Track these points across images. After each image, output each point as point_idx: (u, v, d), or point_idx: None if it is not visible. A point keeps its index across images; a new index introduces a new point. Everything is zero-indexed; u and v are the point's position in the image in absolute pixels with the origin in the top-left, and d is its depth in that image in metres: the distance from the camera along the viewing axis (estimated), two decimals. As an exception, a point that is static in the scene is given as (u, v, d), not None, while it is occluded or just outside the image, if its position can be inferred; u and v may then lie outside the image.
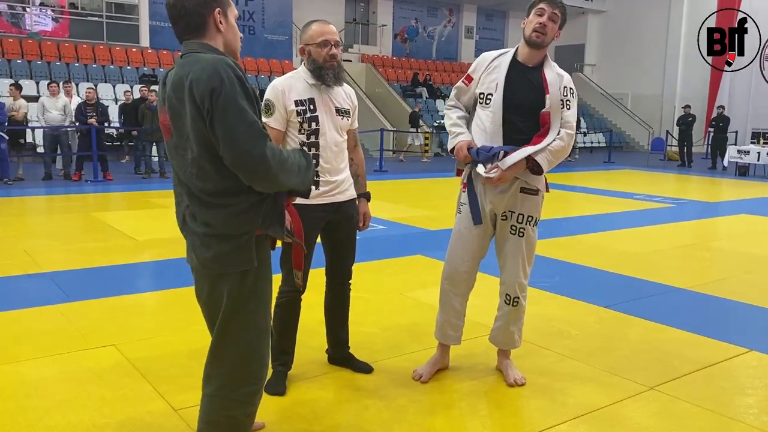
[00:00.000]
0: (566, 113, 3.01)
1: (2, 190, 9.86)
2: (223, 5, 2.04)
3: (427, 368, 3.27)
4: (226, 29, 2.04)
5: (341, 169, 3.06)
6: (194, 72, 1.88)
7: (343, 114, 3.06)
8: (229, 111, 1.85)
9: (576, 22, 27.36)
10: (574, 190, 11.91)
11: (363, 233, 3.23)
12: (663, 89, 24.98)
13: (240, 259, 2.00)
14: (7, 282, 4.84)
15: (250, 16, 20.04)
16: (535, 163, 2.97)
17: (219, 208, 1.98)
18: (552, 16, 2.96)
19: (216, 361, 2.08)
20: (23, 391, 3.00)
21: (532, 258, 3.21)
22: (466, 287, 3.24)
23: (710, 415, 2.91)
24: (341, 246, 3.18)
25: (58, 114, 11.21)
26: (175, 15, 2.00)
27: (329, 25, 2.98)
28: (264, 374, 2.14)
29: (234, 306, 2.04)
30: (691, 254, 6.42)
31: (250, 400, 2.11)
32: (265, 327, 2.11)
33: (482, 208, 3.12)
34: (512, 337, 3.27)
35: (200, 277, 2.10)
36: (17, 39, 16.49)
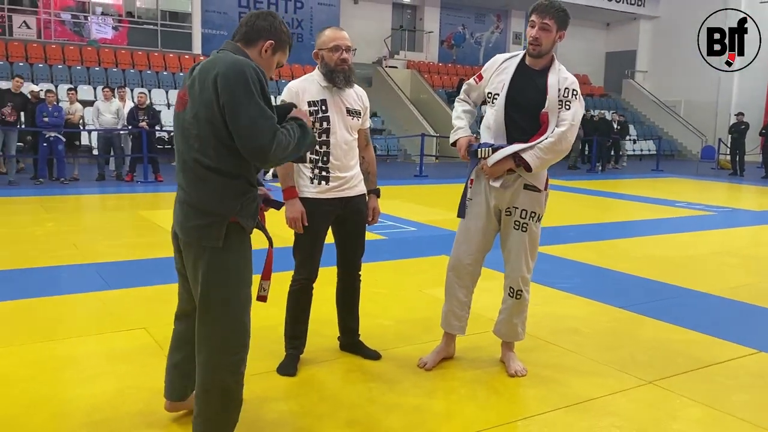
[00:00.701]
0: (564, 113, 3.12)
1: (58, 189, 10.44)
2: (277, 45, 2.39)
3: (431, 356, 3.44)
4: (264, 59, 2.37)
5: (351, 166, 3.26)
6: (222, 66, 2.18)
7: (354, 114, 3.26)
8: (244, 107, 2.13)
9: (627, 27, 26.99)
10: (614, 196, 11.83)
11: (392, 234, 3.44)
12: (718, 96, 24.35)
13: (210, 235, 2.23)
14: (55, 271, 5.21)
15: (299, 23, 20.52)
16: (522, 161, 3.10)
17: (207, 185, 2.23)
18: (543, 26, 3.09)
19: (203, 331, 2.31)
20: (59, 364, 3.30)
21: (536, 252, 3.33)
22: (470, 279, 3.39)
23: (702, 408, 2.98)
24: (350, 239, 3.37)
25: (111, 117, 11.78)
26: (243, 21, 2.40)
27: (341, 32, 3.20)
28: (247, 342, 2.36)
29: (211, 280, 2.26)
30: (721, 260, 6.37)
31: (237, 368, 2.33)
32: (245, 300, 2.34)
33: (486, 204, 3.27)
34: (515, 330, 3.39)
35: (185, 250, 2.34)
36: (77, 47, 17.33)
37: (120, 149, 12.05)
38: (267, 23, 2.36)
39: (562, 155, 3.18)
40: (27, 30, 17.16)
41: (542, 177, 3.25)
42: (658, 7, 25.95)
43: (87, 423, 2.68)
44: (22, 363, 3.29)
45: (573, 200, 11.25)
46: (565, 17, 3.13)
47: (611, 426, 2.79)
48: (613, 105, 25.02)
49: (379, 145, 18.19)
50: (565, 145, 3.12)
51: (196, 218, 2.25)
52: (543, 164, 3.12)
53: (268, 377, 3.19)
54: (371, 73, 21.60)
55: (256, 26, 2.35)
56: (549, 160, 3.12)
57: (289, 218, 3.14)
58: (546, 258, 6.07)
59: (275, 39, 2.36)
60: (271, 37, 2.36)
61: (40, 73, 15.90)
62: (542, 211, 3.30)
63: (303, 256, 3.26)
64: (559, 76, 3.17)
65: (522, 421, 2.84)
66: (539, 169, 3.14)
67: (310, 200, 3.17)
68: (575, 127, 3.13)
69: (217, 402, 2.32)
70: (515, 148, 3.11)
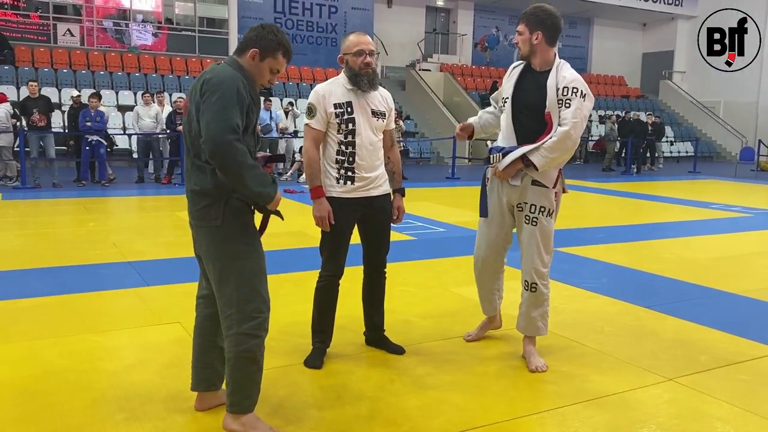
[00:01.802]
0: (564, 111, 3.22)
1: (100, 191, 10.79)
2: (265, 52, 2.61)
3: (476, 330, 3.83)
4: (252, 66, 2.62)
5: (376, 166, 3.37)
6: (210, 73, 2.52)
7: (379, 116, 3.37)
8: (210, 105, 2.41)
9: (664, 28, 26.61)
10: (648, 198, 11.72)
11: (421, 235, 3.55)
12: (759, 97, 23.83)
13: (209, 215, 2.53)
14: (95, 268, 5.44)
15: (333, 28, 20.76)
16: (529, 162, 3.24)
17: (205, 171, 2.52)
18: (517, 33, 3.36)
19: (224, 305, 2.56)
20: (97, 355, 3.48)
21: (549, 246, 3.44)
22: (493, 269, 3.63)
23: (723, 405, 3.00)
24: (375, 237, 3.48)
25: (150, 122, 12.13)
26: (244, 34, 2.70)
27: (365, 36, 3.32)
28: (263, 308, 2.59)
29: (220, 255, 2.54)
30: (752, 261, 6.30)
31: (257, 332, 2.56)
32: (256, 270, 2.58)
33: (499, 201, 3.43)
34: (535, 324, 3.48)
35: (196, 233, 2.63)
36: (119, 53, 17.84)
37: (159, 152, 12.38)
38: (254, 33, 2.62)
39: (569, 153, 3.28)
40: (71, 38, 17.72)
41: (551, 175, 3.36)
42: (696, 7, 25.50)
43: (123, 409, 2.84)
44: (65, 353, 3.48)
45: (605, 202, 11.18)
46: (535, 18, 3.31)
47: (629, 421, 2.84)
48: (650, 106, 24.68)
49: (412, 147, 18.28)
50: (569, 143, 3.22)
51: (200, 201, 2.55)
52: (550, 163, 3.25)
53: (295, 369, 3.31)
54: (404, 77, 21.73)
55: (246, 38, 2.64)
56: (555, 159, 3.24)
57: (316, 217, 3.26)
58: (574, 258, 6.10)
59: (259, 47, 2.59)
60: (255, 46, 2.60)
61: (83, 80, 16.42)
62: (552, 206, 3.41)
63: (329, 254, 3.38)
64: (558, 76, 3.29)
65: (539, 414, 2.90)
66: (547, 168, 3.27)
67: (336, 199, 3.29)
68: (579, 124, 3.21)
69: (241, 368, 2.55)
70: (523, 150, 3.27)
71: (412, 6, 22.78)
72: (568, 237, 7.23)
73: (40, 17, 17.50)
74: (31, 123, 11.03)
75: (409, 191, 3.73)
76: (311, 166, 3.28)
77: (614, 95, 25.19)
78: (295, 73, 19.56)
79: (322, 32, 20.68)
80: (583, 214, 9.80)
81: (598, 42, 26.76)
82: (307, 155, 3.30)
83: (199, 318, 2.81)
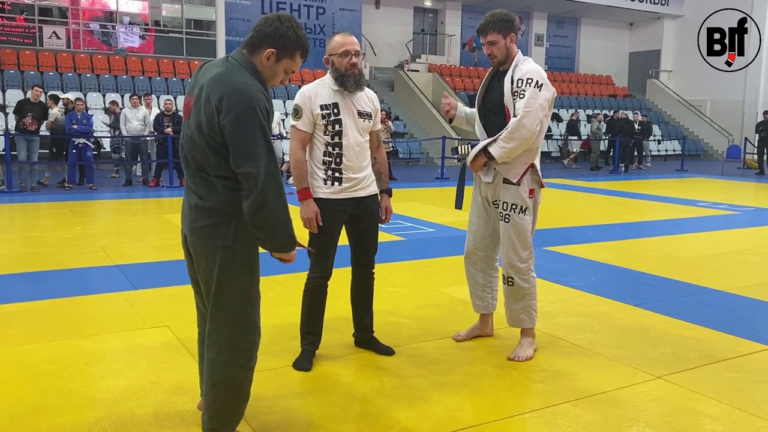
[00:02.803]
0: (518, 102, 3.33)
1: (87, 195, 10.71)
2: (282, 53, 2.34)
3: (466, 332, 3.83)
4: (267, 67, 2.35)
5: (363, 167, 3.37)
6: (229, 87, 2.19)
7: (365, 117, 3.36)
8: (245, 131, 2.17)
9: (651, 27, 26.76)
10: (636, 197, 11.77)
11: (410, 236, 3.55)
12: (745, 95, 24.03)
13: (219, 234, 2.29)
14: (82, 272, 5.40)
15: (321, 29, 20.72)
16: (489, 153, 3.37)
17: (215, 188, 2.29)
18: (490, 42, 3.42)
19: (215, 330, 2.38)
20: (85, 360, 3.45)
21: (525, 242, 3.49)
22: (483, 263, 3.69)
23: (711, 402, 3.02)
24: (363, 238, 3.48)
25: (138, 124, 12.06)
26: (254, 25, 2.40)
27: (350, 37, 3.31)
28: (257, 339, 2.44)
29: (222, 278, 2.31)
30: (740, 259, 6.34)
31: (248, 363, 2.41)
32: (255, 298, 2.41)
33: (480, 195, 3.62)
34: (516, 316, 3.56)
35: (194, 250, 2.39)
36: (106, 56, 17.73)
37: (147, 155, 12.31)
38: (272, 29, 2.31)
39: (525, 142, 3.34)
40: (57, 40, 17.59)
41: (516, 171, 3.43)
42: (682, 6, 25.69)
43: (110, 415, 2.81)
44: (51, 358, 3.45)
45: (594, 201, 11.23)
46: (504, 23, 3.40)
47: (618, 419, 2.85)
48: (637, 105, 24.82)
49: (401, 148, 18.28)
50: (523, 132, 3.30)
51: (206, 218, 2.31)
52: (508, 153, 3.35)
53: (284, 372, 3.29)
54: (393, 77, 21.73)
55: (261, 31, 2.33)
56: (513, 149, 3.33)
57: (303, 218, 3.25)
58: (563, 257, 6.12)
59: (277, 47, 2.32)
60: (273, 45, 2.31)
61: (70, 82, 16.31)
62: (525, 203, 3.47)
63: (317, 255, 3.36)
64: (515, 70, 3.39)
65: (528, 413, 2.90)
66: (506, 158, 3.37)
67: (324, 200, 3.28)
68: (532, 113, 3.29)
69: (225, 396, 2.40)
70: (484, 143, 3.42)
71: (400, 7, 22.79)
72: (557, 236, 7.26)
73: (25, 20, 17.36)
74: (21, 125, 10.95)
75: (399, 192, 3.74)
76: (298, 167, 3.26)
77: (602, 94, 25.31)
78: (284, 75, 19.49)
79: (310, 33, 20.62)
80: (572, 213, 9.84)
81: (585, 41, 26.86)
82: (294, 157, 3.28)
83: (200, 322, 2.64)
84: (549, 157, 20.68)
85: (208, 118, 2.23)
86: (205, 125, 2.24)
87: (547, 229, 7.78)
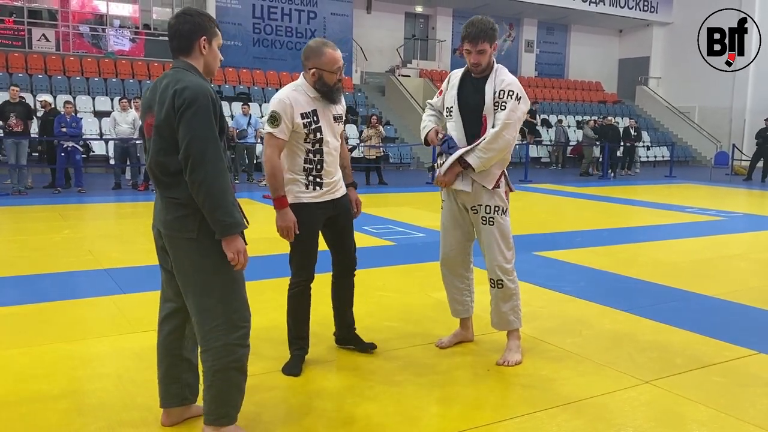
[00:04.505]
0: (499, 113, 3.37)
1: (76, 198, 10.66)
2: (209, 34, 2.51)
3: (449, 338, 3.80)
4: (207, 53, 2.52)
5: (337, 169, 3.43)
6: (179, 86, 2.35)
7: (339, 120, 3.40)
8: (195, 120, 2.33)
9: (640, 34, 26.97)
10: (625, 203, 11.84)
11: (401, 240, 3.57)
12: (732, 102, 24.25)
13: (187, 227, 2.42)
14: (70, 276, 5.37)
15: (312, 33, 20.73)
16: (466, 163, 3.38)
17: (179, 182, 2.41)
18: (480, 51, 3.40)
19: (206, 317, 2.45)
20: (74, 364, 3.43)
21: (509, 243, 3.55)
22: (461, 267, 3.72)
23: (698, 407, 3.03)
24: (343, 235, 3.51)
25: (127, 128, 12.01)
26: (170, 34, 2.52)
27: (338, 51, 3.31)
28: (249, 317, 2.54)
29: (205, 267, 2.43)
30: (727, 264, 6.39)
31: (245, 341, 2.52)
32: (240, 278, 2.52)
33: (454, 201, 3.62)
34: (506, 318, 3.58)
35: (169, 244, 2.50)
36: (95, 59, 17.67)
37: (136, 159, 12.26)
38: (190, 24, 2.47)
39: (502, 152, 3.40)
40: (46, 43, 17.51)
41: (491, 177, 3.47)
42: (671, 14, 25.92)
43: (99, 418, 2.80)
44: (39, 363, 3.42)
45: (583, 206, 11.28)
46: (493, 32, 3.43)
47: (606, 424, 2.86)
48: (626, 111, 25.00)
49: (392, 153, 18.30)
50: (501, 143, 3.35)
51: (173, 211, 2.44)
52: (486, 162, 3.38)
53: (273, 377, 3.28)
54: (384, 82, 21.78)
55: (182, 32, 2.47)
56: (490, 158, 3.37)
57: (281, 227, 3.19)
58: (552, 262, 6.14)
59: (204, 32, 2.48)
60: (200, 32, 2.47)
61: (59, 85, 16.23)
62: (506, 204, 3.53)
63: (302, 259, 3.35)
64: (497, 79, 3.43)
65: (516, 419, 2.90)
66: (483, 168, 3.39)
67: (309, 205, 3.29)
68: (512, 125, 3.36)
69: (230, 380, 2.49)
70: (459, 153, 3.41)
71: (391, 12, 22.85)
72: (547, 241, 7.29)
73: (14, 22, 17.26)
74: (7, 128, 10.86)
75: (389, 196, 3.76)
76: (275, 176, 3.19)
77: (591, 101, 25.46)
78: (274, 79, 19.51)
79: (301, 38, 20.64)
80: (561, 218, 9.89)
81: (575, 48, 27.03)
82: (270, 164, 3.19)
83: (164, 333, 2.69)
84: (539, 163, 20.78)
85: (167, 118, 2.36)
86: (164, 128, 2.37)
87: (536, 234, 7.81)
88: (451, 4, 23.19)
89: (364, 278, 5.25)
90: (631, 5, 25.23)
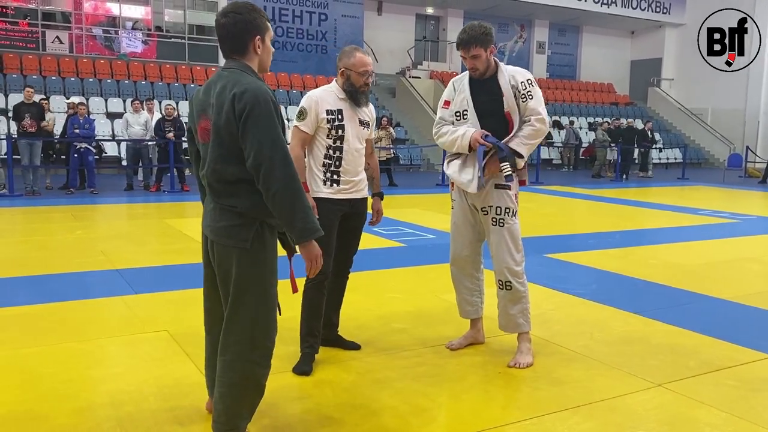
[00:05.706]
0: (529, 104, 3.43)
1: (88, 199, 10.73)
2: (262, 32, 2.44)
3: (459, 340, 3.80)
4: (262, 51, 2.46)
5: (359, 171, 3.51)
6: (238, 90, 2.28)
7: (365, 125, 3.52)
8: (261, 125, 2.26)
9: (652, 35, 26.82)
10: (637, 205, 11.77)
11: (411, 242, 3.58)
12: (746, 104, 24.05)
13: (240, 236, 2.35)
14: (83, 276, 5.40)
15: (323, 35, 20.78)
16: (514, 151, 3.41)
17: (237, 191, 2.34)
18: (474, 56, 3.44)
19: (235, 330, 2.41)
20: (86, 363, 3.46)
21: (519, 245, 3.55)
22: (471, 268, 3.72)
23: (710, 410, 3.01)
24: (348, 235, 3.57)
25: (140, 129, 12.08)
26: (223, 35, 2.43)
27: (369, 56, 3.47)
28: (274, 336, 2.48)
29: (243, 279, 2.37)
30: (740, 267, 6.34)
31: (267, 362, 2.47)
32: (273, 296, 2.47)
33: (465, 202, 3.64)
34: (514, 321, 3.58)
35: (214, 251, 2.43)
36: (108, 60, 17.79)
37: (148, 160, 12.33)
38: (242, 23, 2.37)
39: (540, 139, 3.52)
40: (60, 45, 17.65)
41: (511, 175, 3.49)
42: (684, 15, 25.75)
43: (110, 417, 2.81)
44: (52, 362, 3.45)
45: (595, 208, 11.23)
46: (485, 36, 3.45)
47: (617, 427, 2.84)
48: (638, 113, 24.86)
49: (402, 154, 18.30)
50: (543, 131, 3.46)
51: (228, 219, 2.37)
52: (529, 150, 3.46)
53: (284, 377, 3.29)
54: (394, 84, 21.78)
55: (235, 33, 2.38)
56: (532, 146, 3.46)
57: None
58: (563, 265, 6.12)
59: (257, 30, 2.40)
60: (254, 31, 2.39)
61: (72, 87, 16.35)
62: (516, 206, 3.55)
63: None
64: (508, 76, 3.47)
65: (527, 421, 2.89)
66: (527, 154, 3.46)
67: (325, 200, 3.39)
68: (544, 115, 3.45)
69: (244, 396, 2.44)
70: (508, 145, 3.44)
71: (401, 14, 22.87)
72: (558, 243, 7.26)
73: (29, 24, 17.42)
74: (21, 128, 10.96)
75: (400, 198, 3.78)
76: (296, 163, 3.25)
77: (603, 102, 25.36)
78: (285, 81, 19.56)
79: (312, 39, 20.70)
80: (573, 220, 9.85)
81: (586, 49, 26.92)
82: (292, 153, 3.29)
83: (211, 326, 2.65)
84: (550, 165, 20.71)
85: (228, 123, 2.28)
86: (225, 134, 2.30)
87: (548, 236, 7.78)
88: (462, 5, 23.17)
89: (374, 280, 5.28)
90: (643, 6, 25.11)
